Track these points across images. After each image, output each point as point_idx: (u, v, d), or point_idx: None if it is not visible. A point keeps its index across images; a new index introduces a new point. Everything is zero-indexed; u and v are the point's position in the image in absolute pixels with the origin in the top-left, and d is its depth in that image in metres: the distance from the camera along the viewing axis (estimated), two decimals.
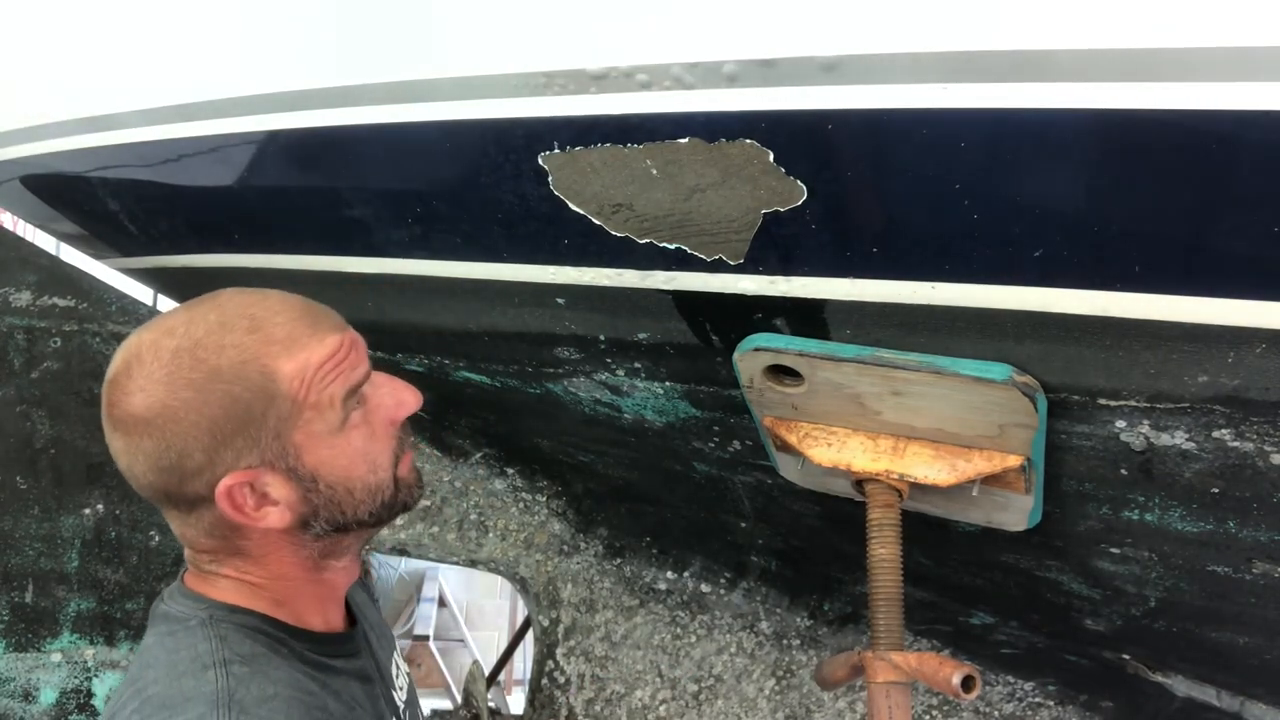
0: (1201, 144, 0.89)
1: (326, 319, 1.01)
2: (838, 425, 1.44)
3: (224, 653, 0.95)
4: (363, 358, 1.02)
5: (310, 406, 0.96)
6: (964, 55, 0.90)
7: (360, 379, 1.00)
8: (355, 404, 1.00)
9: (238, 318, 0.96)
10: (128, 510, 2.48)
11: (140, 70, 1.49)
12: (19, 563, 2.40)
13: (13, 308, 2.41)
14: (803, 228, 1.15)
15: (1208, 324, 1.05)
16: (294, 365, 0.95)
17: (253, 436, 0.94)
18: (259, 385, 0.94)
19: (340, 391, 0.98)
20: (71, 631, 2.46)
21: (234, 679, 0.92)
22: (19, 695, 2.41)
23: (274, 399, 0.94)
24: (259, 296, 1.00)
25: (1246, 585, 1.54)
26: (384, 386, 1.04)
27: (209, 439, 0.93)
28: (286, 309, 0.99)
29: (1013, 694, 2.54)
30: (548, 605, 2.70)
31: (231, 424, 0.93)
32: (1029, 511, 1.50)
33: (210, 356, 0.93)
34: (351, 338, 1.02)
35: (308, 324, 0.98)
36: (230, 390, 0.93)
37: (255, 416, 0.94)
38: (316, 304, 1.03)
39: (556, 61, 1.09)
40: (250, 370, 0.94)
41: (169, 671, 0.94)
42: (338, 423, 0.98)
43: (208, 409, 0.93)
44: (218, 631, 0.98)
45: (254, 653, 0.97)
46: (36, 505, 2.40)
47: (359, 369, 1.01)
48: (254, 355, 0.94)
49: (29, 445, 2.38)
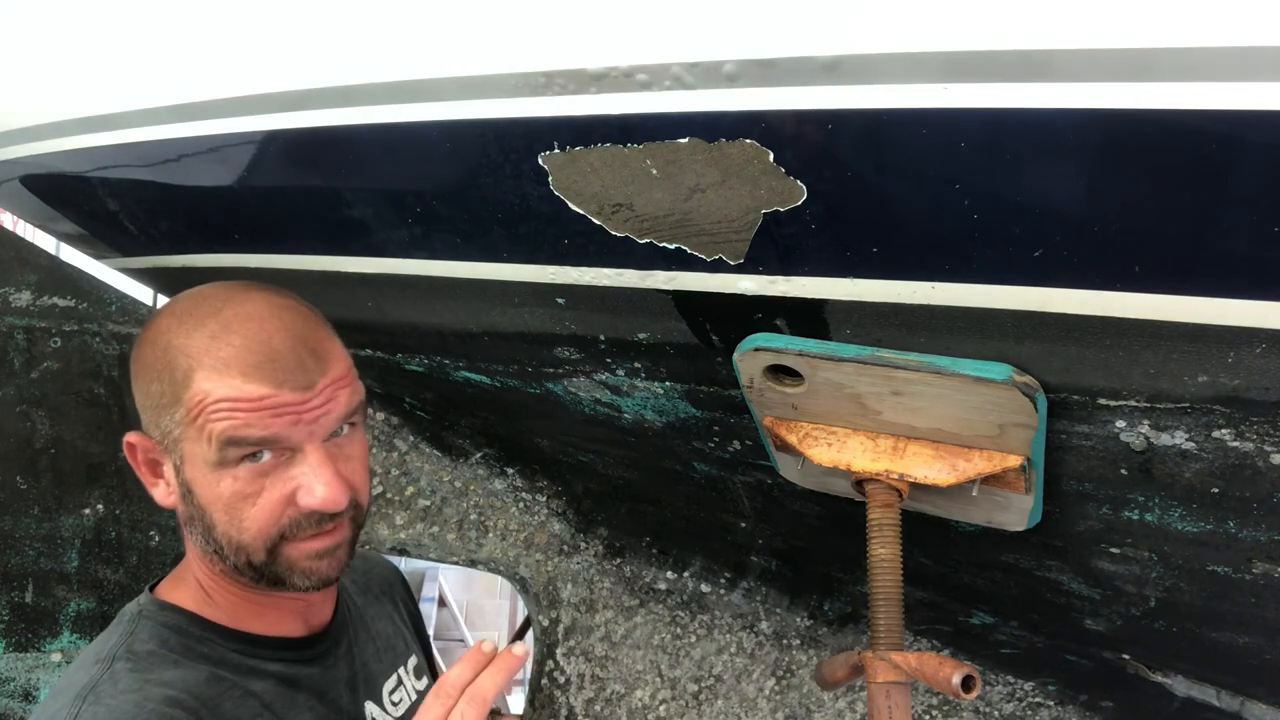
0: (1201, 144, 0.89)
1: (290, 372, 0.96)
2: (838, 425, 1.44)
3: (121, 649, 1.00)
4: (283, 427, 0.96)
5: (195, 428, 0.96)
6: (964, 55, 0.90)
7: (251, 438, 0.95)
8: (242, 458, 0.96)
9: (215, 316, 0.98)
10: (128, 510, 2.48)
11: (140, 70, 1.49)
12: (19, 563, 2.40)
13: (13, 308, 2.41)
14: (803, 228, 1.15)
15: (1208, 324, 1.04)
16: (205, 384, 0.95)
17: (159, 417, 1.00)
18: (176, 381, 0.97)
19: (219, 435, 0.95)
20: (71, 631, 2.46)
21: (110, 676, 0.97)
22: (19, 695, 2.41)
23: (178, 401, 0.97)
24: (261, 312, 0.99)
25: (1246, 585, 1.54)
26: (313, 469, 0.98)
27: (141, 395, 1.02)
28: (255, 338, 0.97)
29: (1013, 694, 2.54)
30: (548, 605, 2.70)
31: (151, 396, 1.00)
32: (1029, 511, 1.50)
33: (174, 335, 0.99)
34: (298, 402, 0.96)
35: (256, 360, 0.95)
36: (160, 372, 0.99)
37: (165, 404, 0.99)
38: (309, 355, 0.98)
39: (556, 61, 1.09)
40: (179, 364, 0.97)
41: (79, 663, 1.02)
42: (211, 459, 0.96)
43: (146, 370, 1.00)
44: (135, 628, 1.03)
45: (150, 651, 1.01)
46: (36, 505, 2.40)
47: (257, 430, 0.95)
48: (193, 356, 0.97)
49: (29, 445, 2.38)
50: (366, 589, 1.33)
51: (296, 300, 1.05)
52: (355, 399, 1.03)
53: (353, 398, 1.02)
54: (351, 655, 1.18)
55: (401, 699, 1.24)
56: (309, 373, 0.97)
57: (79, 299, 2.47)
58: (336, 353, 1.04)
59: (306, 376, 0.97)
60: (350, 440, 1.04)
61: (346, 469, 1.02)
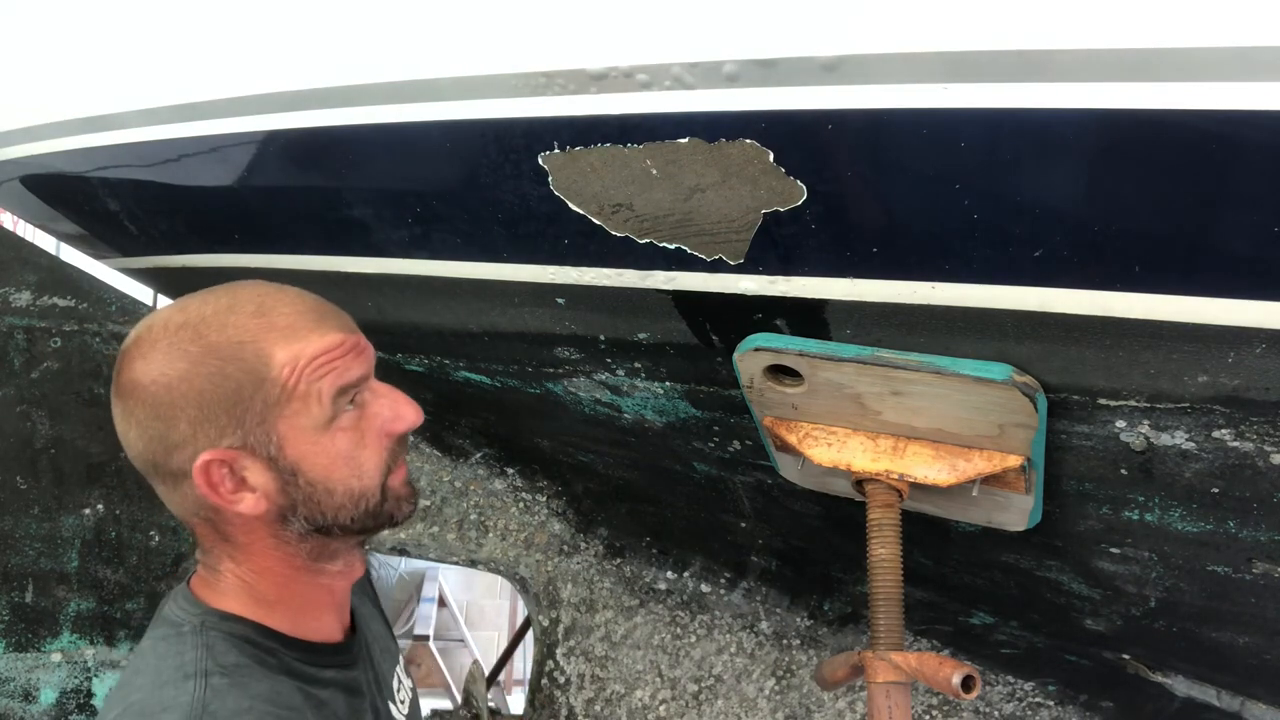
0: (1201, 144, 0.89)
1: (335, 318, 1.02)
2: (838, 425, 1.44)
3: (207, 663, 0.96)
4: (364, 363, 1.02)
5: (298, 397, 0.96)
6: (964, 55, 0.90)
7: (354, 380, 1.00)
8: (346, 405, 1.00)
9: (247, 302, 0.98)
10: (128, 510, 2.48)
11: (140, 70, 1.49)
12: (19, 563, 2.40)
13: (13, 308, 2.41)
14: (803, 228, 1.15)
15: (1208, 324, 1.05)
16: (288, 353, 0.95)
17: (237, 417, 0.95)
18: (251, 367, 0.94)
19: (330, 388, 0.97)
20: (71, 631, 2.46)
21: (211, 690, 0.93)
22: (19, 695, 2.41)
23: (263, 382, 0.95)
24: (274, 288, 1.02)
25: (1246, 585, 1.54)
26: (385, 397, 1.04)
27: (195, 411, 0.94)
28: (296, 301, 1.01)
29: (1013, 694, 2.54)
30: (548, 605, 2.70)
31: (219, 401, 0.94)
32: (1029, 511, 1.50)
33: (210, 333, 0.95)
34: (356, 341, 1.02)
35: (313, 318, 0.99)
36: (223, 367, 0.94)
37: (243, 397, 0.94)
38: (329, 304, 1.04)
39: (556, 61, 1.09)
40: (245, 351, 0.95)
41: (154, 679, 0.96)
42: (324, 419, 0.97)
43: (198, 381, 0.94)
44: (206, 640, 0.99)
45: (237, 663, 0.97)
46: (36, 505, 2.40)
47: (354, 371, 1.00)
48: (252, 337, 0.95)
49: (29, 445, 2.38)
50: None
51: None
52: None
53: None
54: (369, 659, 1.19)
55: (405, 698, 1.25)
56: (346, 319, 1.04)
57: (79, 299, 2.47)
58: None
59: (348, 322, 1.04)
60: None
61: None
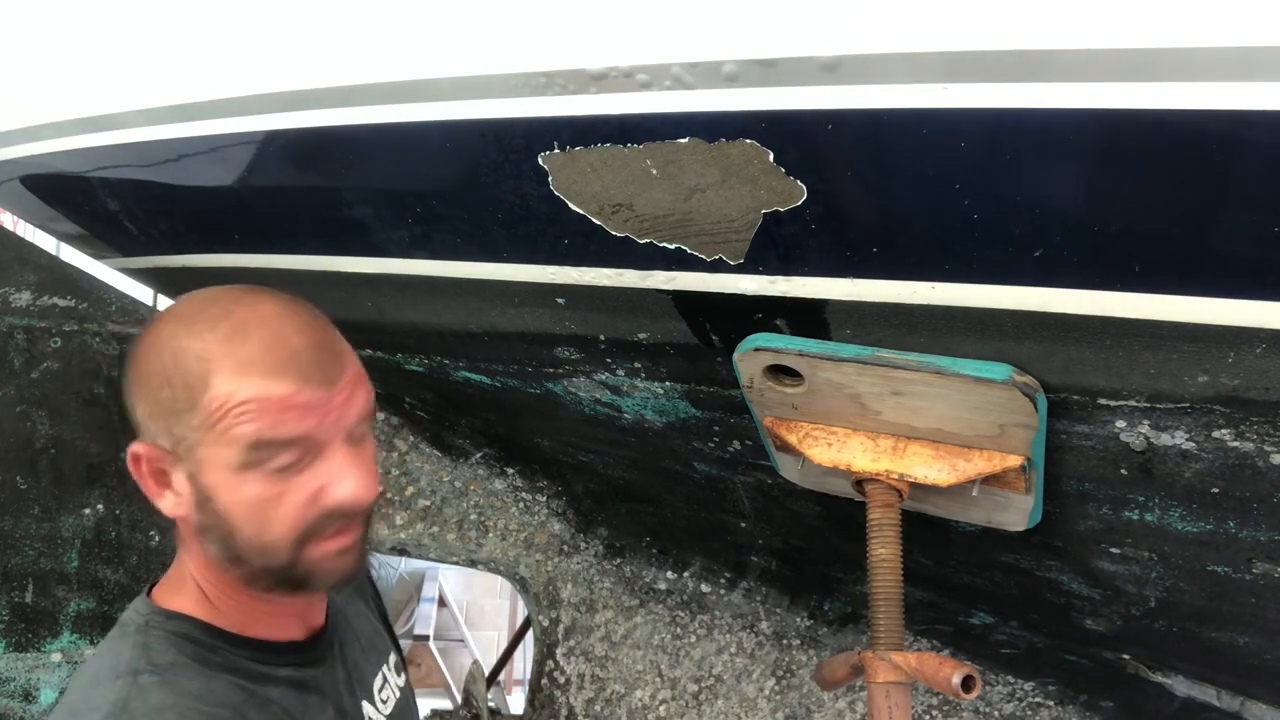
0: (1201, 144, 0.89)
1: (311, 366, 0.94)
2: (838, 425, 1.44)
3: (139, 661, 0.97)
4: (313, 423, 0.94)
5: (219, 432, 0.93)
6: (964, 55, 0.90)
7: (284, 437, 0.93)
8: (274, 459, 0.93)
9: (226, 318, 0.95)
10: (128, 510, 2.48)
11: (140, 70, 1.49)
12: (19, 563, 2.40)
13: (13, 308, 2.41)
14: (803, 228, 1.15)
15: (1208, 324, 1.05)
16: (225, 387, 0.92)
17: (170, 424, 0.95)
18: (191, 385, 0.93)
19: (248, 437, 0.92)
20: (71, 631, 2.46)
21: (137, 689, 0.94)
22: (19, 695, 2.41)
23: (195, 406, 0.93)
24: (279, 310, 0.97)
25: (1246, 585, 1.54)
26: (336, 464, 0.96)
27: (146, 404, 0.97)
28: (279, 333, 0.94)
29: (1013, 694, 2.54)
30: (548, 605, 2.70)
31: (161, 404, 0.95)
32: (1029, 511, 1.50)
33: (181, 335, 0.95)
34: (322, 399, 0.94)
35: (280, 358, 0.93)
36: (171, 377, 0.94)
37: (178, 410, 0.94)
38: (329, 348, 0.97)
39: (556, 61, 1.09)
40: (193, 369, 0.93)
41: (90, 679, 0.98)
42: (236, 463, 0.93)
43: (152, 378, 0.95)
44: (146, 639, 1.00)
45: (172, 662, 0.97)
46: (36, 505, 2.40)
47: (290, 428, 0.92)
48: (204, 356, 0.93)
49: (29, 445, 2.38)
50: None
51: (303, 302, 1.02)
52: (371, 398, 1.01)
53: (369, 397, 1.01)
54: (344, 655, 1.17)
55: (389, 697, 1.23)
56: (329, 370, 0.95)
57: (79, 299, 2.47)
58: (349, 352, 1.01)
59: (327, 374, 0.95)
60: (365, 441, 1.02)
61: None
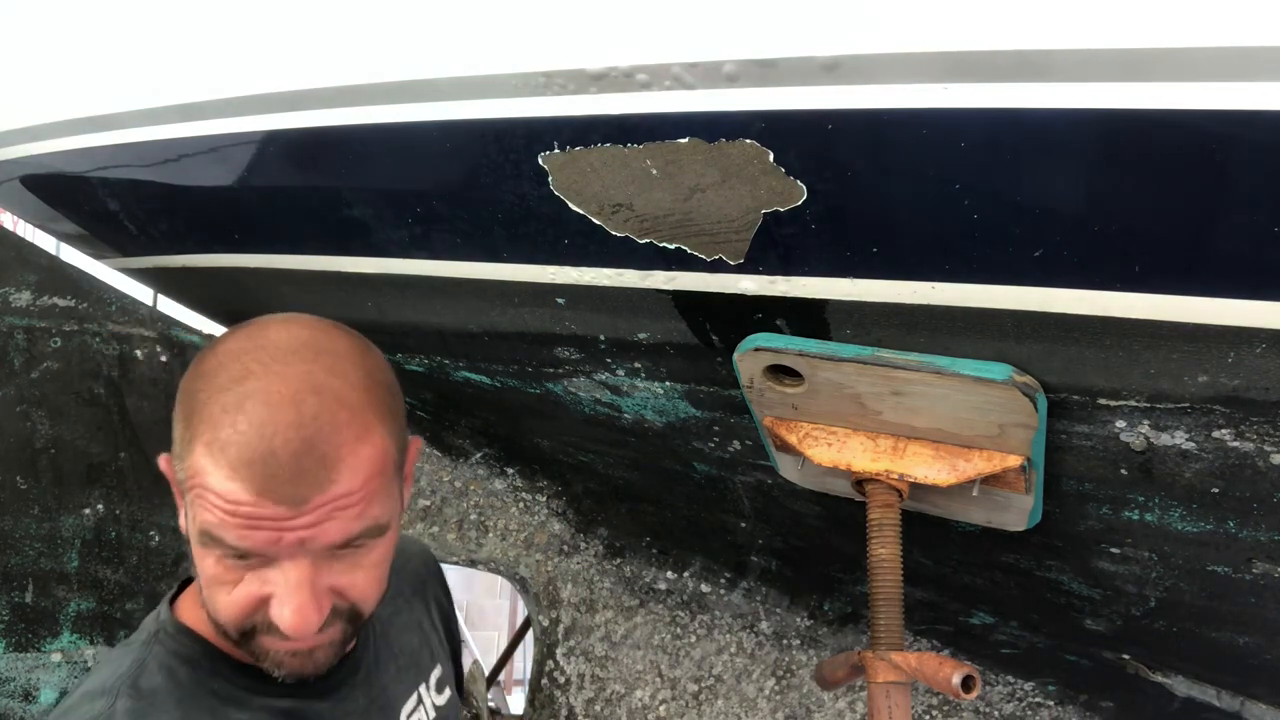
0: (1201, 144, 0.89)
1: (282, 483, 0.82)
2: (838, 425, 1.44)
3: (127, 682, 0.95)
4: (262, 541, 0.84)
5: (191, 491, 0.87)
6: (964, 55, 0.90)
7: (229, 543, 0.85)
8: (217, 548, 0.86)
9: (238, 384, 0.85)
10: (128, 510, 2.48)
11: (140, 70, 1.49)
12: (19, 563, 2.39)
13: (13, 308, 2.41)
14: (803, 228, 1.15)
15: (1208, 324, 1.05)
16: (201, 460, 0.84)
17: (179, 443, 0.89)
18: (185, 439, 0.88)
19: (202, 523, 0.86)
20: (71, 631, 2.46)
21: (114, 712, 0.92)
22: (19, 695, 2.41)
23: (184, 460, 0.88)
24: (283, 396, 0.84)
25: (1246, 585, 1.54)
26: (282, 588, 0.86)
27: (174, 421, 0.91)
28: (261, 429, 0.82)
29: (1013, 694, 2.54)
30: (548, 605, 2.70)
31: (176, 432, 0.90)
32: (1029, 511, 1.49)
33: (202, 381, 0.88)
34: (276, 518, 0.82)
35: (249, 457, 0.82)
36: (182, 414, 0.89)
37: (178, 452, 0.90)
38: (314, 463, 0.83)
39: (556, 61, 1.09)
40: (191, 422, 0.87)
41: (87, 687, 0.97)
42: (196, 536, 0.88)
43: (178, 404, 0.90)
44: (146, 656, 0.98)
45: (154, 688, 0.95)
46: (36, 505, 2.39)
47: (235, 539, 0.84)
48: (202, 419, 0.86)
49: (29, 445, 2.37)
50: (397, 592, 1.19)
51: (344, 381, 0.87)
52: (361, 523, 0.87)
53: (356, 522, 0.87)
54: (370, 682, 1.12)
55: (422, 718, 1.18)
56: (302, 486, 0.82)
57: (79, 299, 2.47)
58: (358, 460, 0.86)
59: (298, 490, 0.82)
60: (364, 550, 0.90)
61: (345, 580, 0.90)
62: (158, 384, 2.41)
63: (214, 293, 2.14)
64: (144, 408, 2.38)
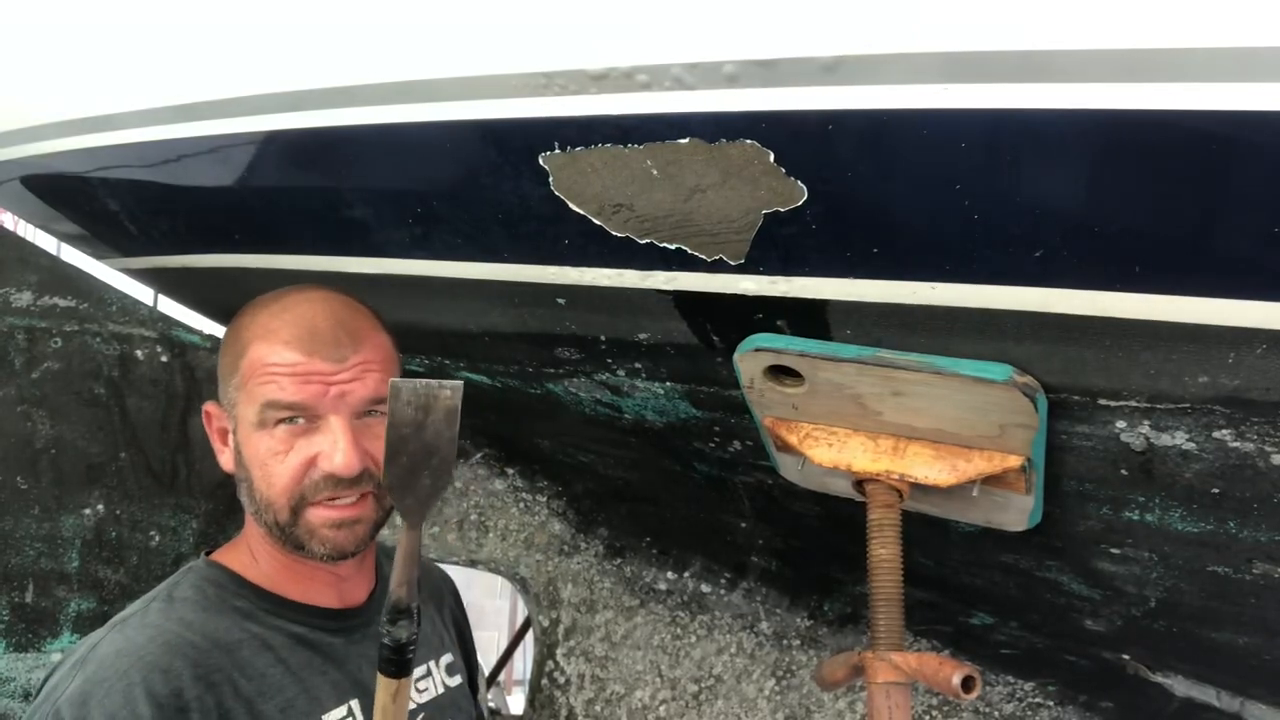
0: (1201, 144, 0.89)
1: (328, 346, 1.08)
2: (838, 425, 1.44)
3: (162, 593, 1.12)
4: (316, 395, 1.07)
5: (247, 392, 1.09)
6: (964, 55, 0.90)
7: (288, 401, 1.07)
8: (280, 419, 1.07)
9: (278, 300, 1.14)
10: (128, 510, 2.48)
11: (140, 70, 1.49)
12: (19, 563, 2.39)
13: (13, 308, 2.41)
14: (803, 228, 1.15)
15: (1208, 324, 1.04)
16: (257, 353, 1.09)
17: (225, 386, 1.13)
18: (239, 351, 1.12)
19: (263, 397, 1.07)
20: (71, 631, 2.45)
21: (143, 611, 1.09)
22: (19, 695, 2.41)
23: (236, 369, 1.11)
24: (321, 300, 1.14)
25: (1246, 585, 1.54)
26: (330, 438, 1.07)
27: (220, 367, 1.16)
28: (310, 315, 1.11)
29: (1013, 694, 2.54)
30: (548, 605, 2.70)
31: (223, 368, 1.15)
32: (1029, 512, 1.49)
33: (246, 313, 1.15)
34: (327, 372, 1.07)
35: (302, 333, 1.09)
36: (229, 343, 1.14)
37: (227, 373, 1.13)
38: (346, 335, 1.10)
39: (556, 61, 1.09)
40: (242, 337, 1.12)
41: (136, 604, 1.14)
42: (254, 420, 1.08)
43: (224, 345, 1.16)
44: (181, 579, 1.15)
45: (185, 597, 1.11)
46: (36, 505, 2.39)
47: (293, 394, 1.07)
48: (251, 328, 1.12)
49: (29, 445, 2.37)
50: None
51: (354, 299, 1.18)
52: (383, 389, 1.08)
53: (381, 386, 1.09)
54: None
55: (427, 688, 1.27)
56: (342, 348, 1.09)
57: (79, 299, 2.47)
58: (376, 341, 1.15)
59: (339, 351, 1.08)
60: (380, 422, 1.08)
61: (371, 445, 1.09)
62: (158, 384, 2.42)
63: (214, 293, 2.14)
64: (144, 408, 2.38)
